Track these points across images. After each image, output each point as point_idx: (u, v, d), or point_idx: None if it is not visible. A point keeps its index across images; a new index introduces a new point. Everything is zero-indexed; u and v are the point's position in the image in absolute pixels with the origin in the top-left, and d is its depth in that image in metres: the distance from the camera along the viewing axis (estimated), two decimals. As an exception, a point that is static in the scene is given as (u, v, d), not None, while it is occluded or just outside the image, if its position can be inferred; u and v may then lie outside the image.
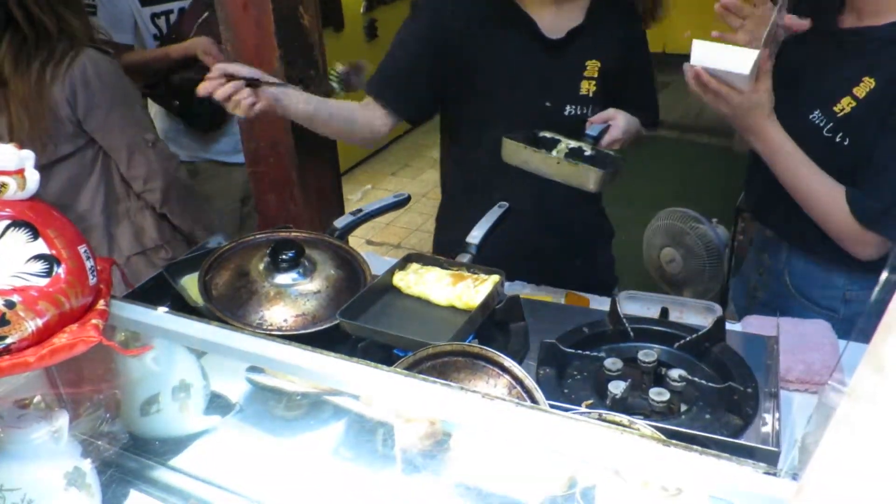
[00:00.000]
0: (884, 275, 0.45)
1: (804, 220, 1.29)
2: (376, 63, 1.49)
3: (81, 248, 0.91)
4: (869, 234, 1.22)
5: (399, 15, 2.00)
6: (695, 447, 0.65)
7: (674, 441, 0.67)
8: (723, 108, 1.18)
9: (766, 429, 0.93)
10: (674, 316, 1.31)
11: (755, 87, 1.16)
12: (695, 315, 1.35)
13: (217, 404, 1.18)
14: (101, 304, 0.93)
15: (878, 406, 0.44)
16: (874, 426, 0.45)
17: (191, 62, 2.00)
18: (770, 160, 1.26)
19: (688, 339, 1.08)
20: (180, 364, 1.13)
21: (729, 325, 1.19)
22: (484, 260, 1.22)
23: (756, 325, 1.29)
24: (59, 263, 0.87)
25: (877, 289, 0.45)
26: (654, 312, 1.30)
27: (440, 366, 0.96)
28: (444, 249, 1.53)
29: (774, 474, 0.59)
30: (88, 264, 0.91)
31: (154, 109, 2.21)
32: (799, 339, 1.24)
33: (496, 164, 1.37)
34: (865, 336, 0.46)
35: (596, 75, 1.48)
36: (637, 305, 1.39)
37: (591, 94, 1.49)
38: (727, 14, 1.29)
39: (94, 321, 0.89)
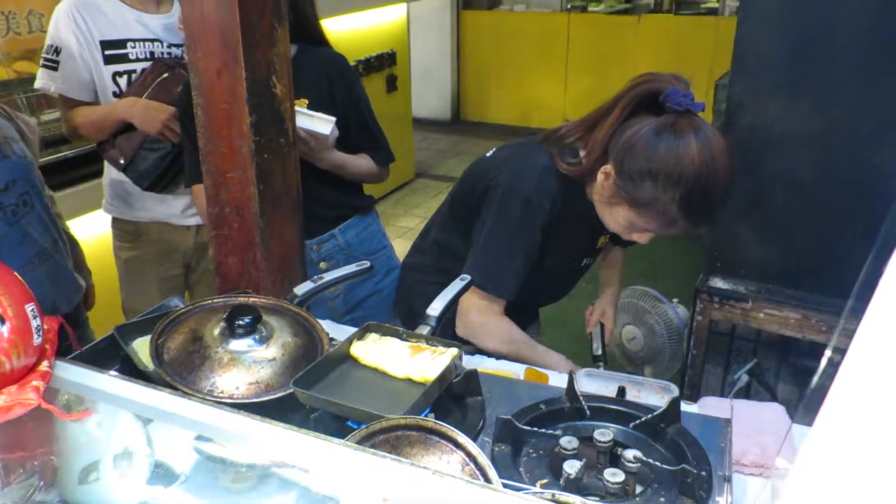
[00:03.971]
0: (823, 359, 0.46)
1: None
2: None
3: (29, 307, 0.89)
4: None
5: (372, 87, 2.05)
6: (645, 532, 0.64)
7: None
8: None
9: (720, 513, 0.92)
10: (631, 395, 1.31)
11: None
12: (652, 394, 1.35)
13: (161, 474, 1.13)
14: (44, 365, 0.90)
15: (813, 491, 0.44)
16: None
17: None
18: None
19: (643, 419, 1.08)
20: (124, 430, 1.09)
21: (685, 406, 1.19)
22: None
23: (712, 406, 1.29)
24: (2, 321, 0.85)
25: (817, 375, 0.46)
26: (611, 390, 1.30)
27: (393, 439, 0.94)
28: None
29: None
30: (35, 323, 0.89)
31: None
32: (754, 422, 1.24)
33: None
34: (809, 419, 0.47)
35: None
36: (595, 383, 1.39)
37: (603, 247, 1.72)
38: None
39: (34, 383, 0.86)
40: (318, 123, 1.74)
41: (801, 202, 1.88)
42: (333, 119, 1.74)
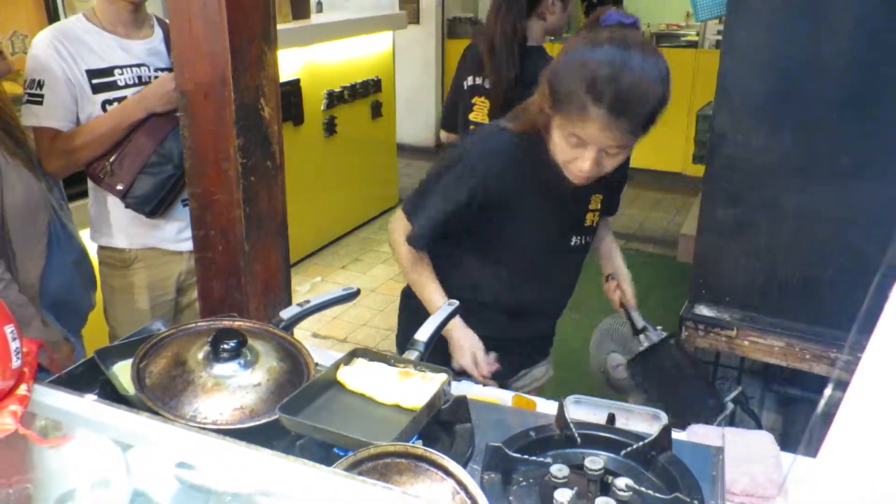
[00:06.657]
0: (828, 389, 0.45)
1: None
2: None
3: (8, 328, 0.86)
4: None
5: (357, 113, 2.06)
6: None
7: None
8: None
9: (713, 544, 0.91)
10: (620, 422, 1.30)
11: None
12: (641, 422, 1.34)
13: (140, 503, 1.10)
14: (22, 389, 0.88)
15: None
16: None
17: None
18: None
19: (634, 446, 1.07)
20: (102, 457, 1.06)
21: (674, 434, 1.18)
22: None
23: (701, 433, 1.29)
24: (-19, 343, 0.82)
25: (822, 403, 0.46)
26: (600, 417, 1.29)
27: (382, 467, 0.92)
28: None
29: None
30: (14, 346, 0.87)
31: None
32: (743, 450, 1.24)
33: (502, 287, 1.64)
34: (811, 450, 0.46)
35: (598, 207, 1.67)
36: (584, 410, 1.37)
37: (594, 224, 1.69)
38: None
39: (12, 407, 0.83)
40: None
41: (783, 231, 1.90)
42: None
